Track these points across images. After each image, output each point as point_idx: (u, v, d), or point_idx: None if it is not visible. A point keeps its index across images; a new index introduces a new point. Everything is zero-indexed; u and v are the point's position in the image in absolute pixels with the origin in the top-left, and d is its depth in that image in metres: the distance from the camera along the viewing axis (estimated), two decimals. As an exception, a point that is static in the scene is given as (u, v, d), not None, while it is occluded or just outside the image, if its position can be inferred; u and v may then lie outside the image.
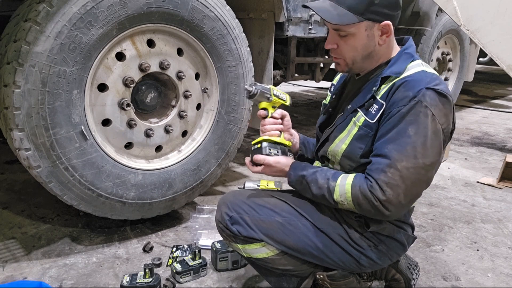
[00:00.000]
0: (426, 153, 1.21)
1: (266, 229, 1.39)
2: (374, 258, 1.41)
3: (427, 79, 1.24)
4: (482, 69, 10.11)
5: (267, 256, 1.42)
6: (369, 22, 1.27)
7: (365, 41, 1.30)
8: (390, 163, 1.21)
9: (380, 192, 1.21)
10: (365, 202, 1.24)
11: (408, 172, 1.21)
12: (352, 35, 1.29)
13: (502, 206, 2.67)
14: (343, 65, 1.38)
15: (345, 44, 1.32)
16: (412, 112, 1.21)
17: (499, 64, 3.50)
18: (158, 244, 2.06)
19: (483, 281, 1.86)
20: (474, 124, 4.92)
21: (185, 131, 2.21)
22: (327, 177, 1.33)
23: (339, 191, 1.29)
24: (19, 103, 1.60)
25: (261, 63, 2.67)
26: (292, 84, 7.06)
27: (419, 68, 1.29)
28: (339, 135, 1.40)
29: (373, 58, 1.35)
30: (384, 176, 1.21)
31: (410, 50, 1.35)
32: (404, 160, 1.20)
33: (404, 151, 1.20)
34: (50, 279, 1.76)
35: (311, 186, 1.35)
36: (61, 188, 1.78)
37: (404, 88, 1.24)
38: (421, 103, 1.20)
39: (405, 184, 1.21)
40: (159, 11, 1.86)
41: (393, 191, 1.21)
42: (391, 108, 1.25)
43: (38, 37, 1.59)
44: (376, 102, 1.30)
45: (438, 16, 4.07)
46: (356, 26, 1.27)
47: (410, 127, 1.21)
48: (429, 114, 1.21)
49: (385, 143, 1.24)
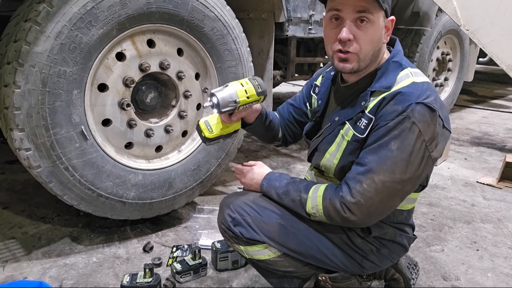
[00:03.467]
0: (405, 169, 1.19)
1: (269, 231, 1.38)
2: (376, 261, 1.42)
3: (417, 92, 1.20)
4: (482, 69, 10.11)
5: (269, 258, 1.41)
6: (383, 14, 1.23)
7: (380, 33, 1.24)
8: (367, 174, 1.20)
9: (351, 199, 1.21)
10: (335, 213, 1.25)
11: (383, 186, 1.20)
12: (372, 24, 1.20)
13: (502, 206, 2.67)
14: (354, 61, 1.25)
15: (364, 35, 1.21)
16: (398, 127, 1.18)
17: (499, 64, 3.50)
18: (158, 244, 2.06)
19: (483, 281, 1.86)
20: (474, 124, 4.93)
21: (185, 131, 2.21)
22: (300, 189, 1.34)
23: (311, 203, 1.30)
24: (19, 103, 1.60)
25: (261, 63, 2.67)
26: (292, 84, 7.06)
27: (409, 80, 1.24)
28: (329, 148, 1.38)
29: (377, 57, 1.29)
30: (360, 187, 1.21)
31: (398, 58, 1.30)
32: (382, 173, 1.19)
33: (383, 164, 1.19)
34: (50, 279, 1.76)
35: (283, 198, 1.37)
36: (61, 188, 1.78)
37: (394, 102, 1.21)
38: (409, 119, 1.17)
39: (379, 197, 1.21)
40: (159, 11, 1.86)
41: (366, 202, 1.21)
42: (379, 120, 1.22)
43: (38, 37, 1.59)
44: (364, 116, 1.27)
45: (438, 16, 4.06)
46: (378, 14, 1.21)
47: (393, 142, 1.18)
48: (415, 130, 1.18)
49: (367, 153, 1.23)
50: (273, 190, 1.40)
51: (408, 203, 1.41)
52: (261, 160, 3.34)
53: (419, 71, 1.31)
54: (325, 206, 1.26)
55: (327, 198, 1.27)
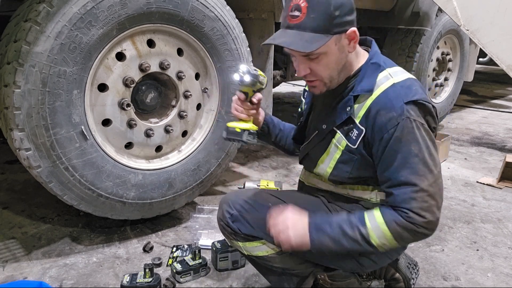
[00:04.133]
0: (434, 161, 1.22)
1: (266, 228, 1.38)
2: (375, 259, 1.41)
3: (401, 93, 1.22)
4: (482, 69, 10.11)
5: (267, 254, 1.43)
6: (337, 36, 1.22)
7: (337, 55, 1.26)
8: (414, 189, 1.19)
9: (420, 219, 1.18)
10: (407, 234, 1.20)
11: (433, 188, 1.20)
12: (324, 54, 1.24)
13: (502, 206, 2.67)
14: (321, 85, 1.31)
15: (318, 65, 1.26)
16: (406, 131, 1.19)
17: (499, 64, 3.50)
18: (158, 244, 2.06)
19: (483, 281, 1.86)
20: (474, 124, 4.93)
21: (185, 131, 2.21)
22: (355, 224, 1.23)
23: (376, 235, 1.21)
24: (19, 103, 1.60)
25: (261, 63, 2.67)
26: (292, 84, 7.06)
27: (389, 82, 1.25)
28: (321, 156, 1.39)
29: (347, 68, 1.31)
30: (416, 203, 1.18)
31: (375, 59, 1.31)
32: (425, 179, 1.19)
33: (419, 171, 1.19)
34: (50, 279, 1.76)
35: (342, 242, 1.23)
36: (61, 188, 1.78)
37: (385, 110, 1.22)
38: (409, 119, 1.19)
39: (435, 200, 1.21)
40: (159, 11, 1.86)
41: (430, 213, 1.19)
42: (381, 133, 1.22)
43: (38, 37, 1.59)
44: (355, 127, 1.29)
45: (438, 16, 4.06)
46: (326, 45, 1.21)
47: (412, 146, 1.20)
48: (419, 125, 1.20)
49: (397, 172, 1.21)
50: (327, 237, 1.24)
51: None
52: (261, 160, 3.35)
53: (398, 68, 1.32)
54: (395, 231, 1.20)
55: (393, 222, 1.20)
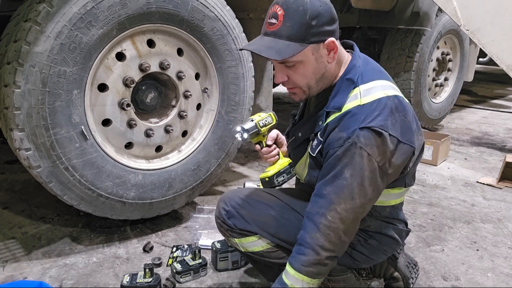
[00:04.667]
0: (363, 192, 1.21)
1: (261, 222, 1.44)
2: (366, 252, 1.44)
3: (362, 116, 1.20)
4: (482, 69, 10.11)
5: (262, 249, 1.46)
6: (314, 45, 1.22)
7: (314, 65, 1.26)
8: (329, 206, 1.22)
9: (322, 238, 1.22)
10: (317, 267, 1.24)
11: (346, 214, 1.22)
12: (300, 63, 1.25)
13: (502, 206, 2.67)
14: (300, 93, 1.33)
15: (295, 74, 1.28)
16: (347, 154, 1.20)
17: (499, 64, 3.50)
18: (158, 244, 2.06)
19: (483, 281, 1.86)
20: (474, 124, 4.93)
21: (185, 131, 2.21)
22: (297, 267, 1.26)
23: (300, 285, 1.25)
24: (19, 103, 1.61)
25: (261, 63, 2.67)
26: (292, 84, 7.05)
27: (355, 103, 1.24)
28: (299, 160, 1.45)
29: (327, 77, 1.31)
30: (325, 220, 1.22)
31: (351, 75, 1.29)
32: (343, 202, 1.21)
33: (341, 194, 1.21)
34: (50, 279, 1.76)
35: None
36: (61, 188, 1.78)
37: (339, 129, 1.23)
38: (356, 145, 1.18)
39: (344, 225, 1.23)
40: (159, 11, 1.86)
41: (334, 234, 1.22)
42: (328, 148, 1.25)
43: (38, 37, 1.59)
44: (316, 138, 1.33)
45: (438, 16, 4.06)
46: (302, 54, 1.22)
47: (346, 170, 1.20)
48: (364, 154, 1.18)
49: (324, 185, 1.24)
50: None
51: (389, 199, 1.41)
52: (261, 160, 3.35)
53: (374, 84, 1.27)
54: (306, 272, 1.24)
55: (301, 266, 1.24)
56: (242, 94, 2.30)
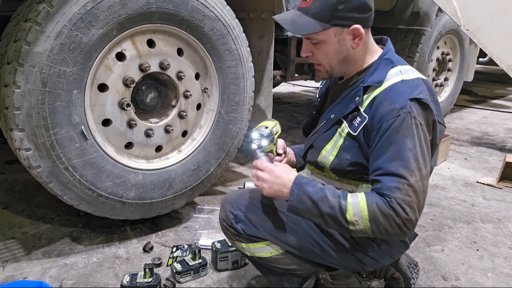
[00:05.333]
0: (425, 162, 1.21)
1: (271, 228, 1.39)
2: (377, 257, 1.41)
3: (408, 89, 1.23)
4: (482, 69, 10.11)
5: (270, 255, 1.42)
6: (338, 28, 1.27)
7: (336, 47, 1.30)
8: (401, 180, 1.17)
9: (401, 210, 1.16)
10: (383, 220, 1.16)
11: (418, 186, 1.18)
12: (323, 42, 1.30)
13: (502, 206, 2.67)
14: (324, 71, 1.39)
15: (318, 51, 1.34)
16: (404, 124, 1.19)
17: (499, 64, 3.50)
18: (158, 244, 2.06)
19: (483, 281, 1.86)
20: (474, 124, 4.93)
21: (185, 131, 2.21)
22: (338, 195, 1.22)
23: (353, 210, 1.18)
24: (19, 103, 1.60)
25: (261, 63, 2.67)
26: (292, 84, 7.06)
27: (398, 78, 1.27)
28: (325, 145, 1.38)
29: (350, 61, 1.34)
30: (400, 194, 1.16)
31: (389, 56, 1.34)
32: (413, 174, 1.18)
33: (410, 166, 1.18)
34: (50, 279, 1.76)
35: (319, 205, 1.21)
36: (61, 188, 1.78)
37: (388, 101, 1.23)
38: (410, 115, 1.19)
39: (418, 199, 1.18)
40: (159, 11, 1.86)
41: (411, 209, 1.17)
42: (381, 122, 1.22)
43: (38, 37, 1.59)
44: (359, 115, 1.29)
45: (438, 16, 4.06)
46: (325, 33, 1.27)
47: (408, 140, 1.19)
48: (419, 124, 1.20)
49: (389, 161, 1.20)
50: (306, 196, 1.23)
51: None
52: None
53: (410, 68, 1.34)
54: (372, 212, 1.16)
55: (374, 203, 1.17)
56: (242, 94, 2.30)
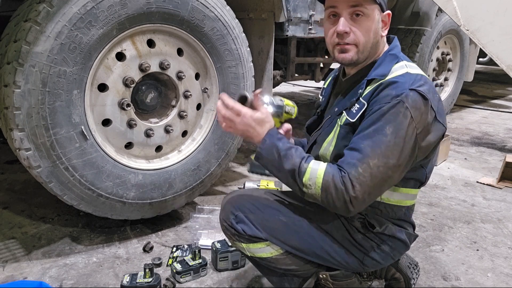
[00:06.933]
0: (397, 154, 1.20)
1: (271, 229, 1.39)
2: (378, 258, 1.42)
3: (411, 81, 1.24)
4: (482, 69, 10.10)
5: (271, 255, 1.42)
6: (379, 8, 1.30)
7: (375, 26, 1.31)
8: (362, 159, 1.19)
9: (351, 188, 1.18)
10: (335, 192, 1.20)
11: (377, 171, 1.19)
12: (366, 17, 1.28)
13: (502, 206, 2.67)
14: (354, 52, 1.31)
15: (359, 27, 1.29)
16: (392, 111, 1.20)
17: (499, 64, 3.50)
18: (158, 244, 2.06)
19: (483, 281, 1.86)
20: (474, 124, 4.93)
21: (185, 131, 2.21)
22: (303, 156, 1.26)
23: (310, 174, 1.23)
24: (19, 103, 1.60)
25: (261, 63, 2.67)
26: (292, 84, 7.06)
27: (403, 71, 1.28)
28: (327, 137, 1.40)
29: (375, 50, 1.35)
30: (355, 171, 1.19)
31: (395, 51, 1.35)
32: (377, 158, 1.19)
33: (378, 149, 1.19)
34: (50, 279, 1.76)
35: (283, 161, 1.26)
36: (61, 188, 1.78)
37: (389, 88, 1.24)
38: (403, 104, 1.19)
39: (372, 182, 1.20)
40: (159, 11, 1.86)
41: (361, 188, 1.19)
42: (373, 105, 1.24)
43: (38, 37, 1.59)
44: (358, 102, 1.30)
45: (438, 16, 4.06)
46: (372, 7, 1.28)
47: (388, 126, 1.20)
48: (408, 116, 1.20)
49: (361, 138, 1.22)
50: (274, 148, 1.27)
51: (407, 199, 1.41)
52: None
53: (415, 65, 1.35)
54: (326, 182, 1.20)
55: (330, 175, 1.21)
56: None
